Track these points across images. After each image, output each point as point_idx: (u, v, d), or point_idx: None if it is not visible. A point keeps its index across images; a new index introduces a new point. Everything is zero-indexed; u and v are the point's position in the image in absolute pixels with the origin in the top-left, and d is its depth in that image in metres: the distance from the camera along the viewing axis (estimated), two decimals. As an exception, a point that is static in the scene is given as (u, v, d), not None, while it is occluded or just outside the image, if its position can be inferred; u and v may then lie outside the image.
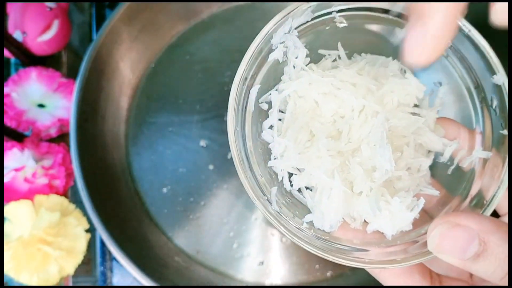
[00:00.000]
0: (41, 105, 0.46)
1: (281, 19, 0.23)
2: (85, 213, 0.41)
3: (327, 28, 0.25)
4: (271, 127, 0.24)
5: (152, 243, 0.44)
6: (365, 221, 0.24)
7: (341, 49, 0.26)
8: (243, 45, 0.23)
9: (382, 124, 0.22)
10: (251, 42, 0.23)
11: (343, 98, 0.23)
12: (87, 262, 0.45)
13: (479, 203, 0.22)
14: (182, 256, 0.44)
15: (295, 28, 0.24)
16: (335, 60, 0.26)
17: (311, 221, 0.23)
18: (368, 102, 0.23)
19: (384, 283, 0.22)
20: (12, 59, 0.48)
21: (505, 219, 0.23)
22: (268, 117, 0.24)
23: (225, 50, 0.48)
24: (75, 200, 0.43)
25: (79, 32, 0.51)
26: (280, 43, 0.24)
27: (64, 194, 0.44)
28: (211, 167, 0.45)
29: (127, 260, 0.39)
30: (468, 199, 0.23)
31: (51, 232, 0.40)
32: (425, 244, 0.20)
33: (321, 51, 0.26)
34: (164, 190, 0.45)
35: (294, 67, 0.24)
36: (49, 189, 0.43)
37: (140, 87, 0.48)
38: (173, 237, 0.44)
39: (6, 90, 0.45)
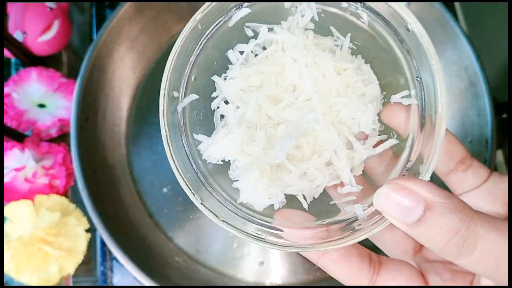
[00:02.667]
0: (41, 105, 0.46)
1: None
2: (85, 213, 0.42)
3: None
4: (242, 52, 0.25)
5: (152, 243, 0.44)
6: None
7: (347, 41, 0.25)
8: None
9: (301, 121, 0.23)
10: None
11: (303, 76, 0.24)
12: (88, 262, 0.45)
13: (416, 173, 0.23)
14: (182, 256, 0.44)
15: None
16: (338, 45, 0.26)
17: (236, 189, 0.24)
18: (315, 95, 0.23)
19: (325, 270, 0.22)
20: (13, 59, 0.48)
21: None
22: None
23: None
24: (76, 200, 0.44)
25: (80, 32, 0.51)
26: None
27: (65, 194, 0.44)
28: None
29: (127, 260, 0.39)
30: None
31: (52, 232, 0.40)
32: (345, 229, 0.21)
33: (332, 28, 0.25)
34: (164, 190, 0.45)
35: (297, 23, 0.25)
36: (50, 189, 0.43)
37: (140, 87, 0.48)
38: (173, 237, 0.44)
39: (6, 90, 0.45)
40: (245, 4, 0.24)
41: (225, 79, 0.25)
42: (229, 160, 0.24)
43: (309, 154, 0.24)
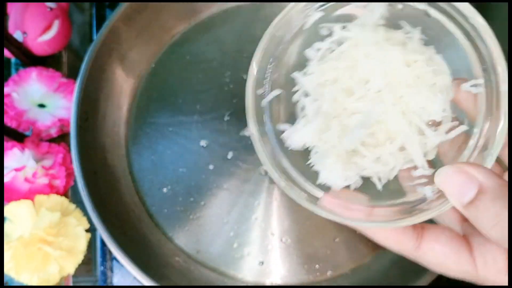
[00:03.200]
0: (41, 105, 0.46)
1: None
2: (85, 213, 0.42)
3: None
4: (318, 50, 0.27)
5: (152, 243, 0.44)
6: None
7: (417, 33, 0.27)
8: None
9: (372, 111, 0.25)
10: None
11: (374, 70, 0.26)
12: (88, 262, 0.45)
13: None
14: (182, 256, 0.44)
15: None
16: (410, 38, 0.27)
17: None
18: (385, 87, 0.25)
19: (372, 235, 0.24)
20: (13, 59, 0.48)
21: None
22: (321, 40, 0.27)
23: (225, 50, 0.48)
24: (76, 200, 0.44)
25: (80, 32, 0.51)
26: None
27: (65, 194, 0.44)
28: (211, 167, 0.45)
29: (127, 260, 0.39)
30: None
31: (52, 232, 0.40)
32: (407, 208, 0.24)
33: (402, 23, 0.27)
34: (164, 190, 0.45)
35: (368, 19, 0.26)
36: (50, 189, 0.43)
37: (140, 87, 0.48)
38: (173, 237, 0.45)
39: (6, 90, 0.45)
40: (318, 8, 0.27)
41: (304, 74, 0.27)
42: (308, 147, 0.27)
43: (383, 140, 0.26)
